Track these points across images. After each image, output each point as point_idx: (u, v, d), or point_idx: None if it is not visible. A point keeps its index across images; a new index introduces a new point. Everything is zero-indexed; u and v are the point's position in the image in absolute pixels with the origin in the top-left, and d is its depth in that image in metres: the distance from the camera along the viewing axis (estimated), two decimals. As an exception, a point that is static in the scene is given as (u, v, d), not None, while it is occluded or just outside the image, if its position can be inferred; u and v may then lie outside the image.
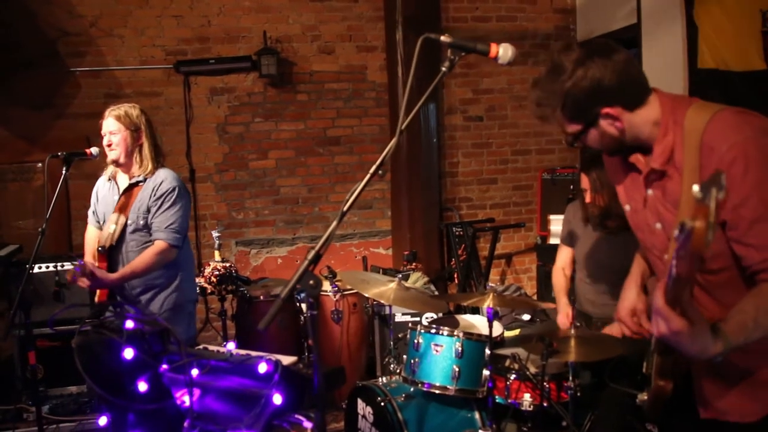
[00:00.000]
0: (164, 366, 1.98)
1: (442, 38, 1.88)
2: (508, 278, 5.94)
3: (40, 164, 5.19)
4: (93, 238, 3.42)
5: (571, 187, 5.41)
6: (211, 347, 2.15)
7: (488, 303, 2.89)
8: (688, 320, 1.43)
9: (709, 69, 3.80)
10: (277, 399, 1.89)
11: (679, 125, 1.68)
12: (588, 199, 3.36)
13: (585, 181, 3.35)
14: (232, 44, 5.33)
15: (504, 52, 1.89)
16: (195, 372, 1.97)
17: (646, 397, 1.97)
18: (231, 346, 2.07)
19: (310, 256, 1.78)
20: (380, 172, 1.83)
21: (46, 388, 4.32)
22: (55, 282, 4.46)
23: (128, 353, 1.81)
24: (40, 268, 4.40)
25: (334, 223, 1.80)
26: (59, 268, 4.49)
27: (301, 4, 5.43)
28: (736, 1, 3.73)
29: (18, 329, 4.21)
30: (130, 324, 1.91)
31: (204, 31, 5.29)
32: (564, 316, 3.50)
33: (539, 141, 5.95)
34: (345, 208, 1.80)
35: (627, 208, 1.95)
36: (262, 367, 1.92)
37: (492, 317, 2.88)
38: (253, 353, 2.06)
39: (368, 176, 1.82)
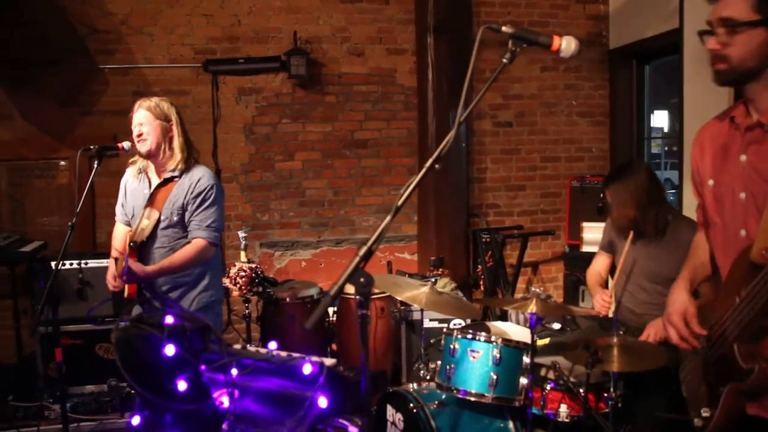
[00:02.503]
0: (203, 365, 1.90)
1: (504, 29, 1.81)
2: (534, 286, 5.83)
3: (63, 162, 5.17)
4: (121, 235, 3.38)
5: (601, 195, 5.31)
6: (251, 347, 2.07)
7: (531, 308, 2.80)
8: None
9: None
10: (323, 402, 1.81)
11: None
12: (615, 212, 3.36)
13: (607, 196, 3.39)
14: (262, 44, 5.28)
15: (567, 45, 1.80)
16: (234, 372, 1.90)
17: (708, 414, 1.86)
18: (273, 345, 2.00)
19: (362, 252, 1.70)
20: (437, 165, 1.75)
21: (66, 386, 4.28)
22: (78, 279, 4.44)
23: (169, 350, 1.74)
24: (63, 265, 4.35)
25: (388, 218, 1.72)
26: (83, 265, 4.46)
27: (332, 6, 5.38)
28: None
29: (46, 325, 4.17)
30: (170, 319, 1.84)
31: (233, 31, 5.26)
32: (600, 299, 3.42)
33: (568, 148, 5.85)
34: (400, 203, 1.73)
35: (710, 183, 1.92)
36: (307, 368, 1.84)
37: (535, 324, 2.79)
38: (295, 354, 1.99)
39: (424, 170, 1.75)
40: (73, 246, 4.68)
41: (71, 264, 4.42)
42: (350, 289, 1.65)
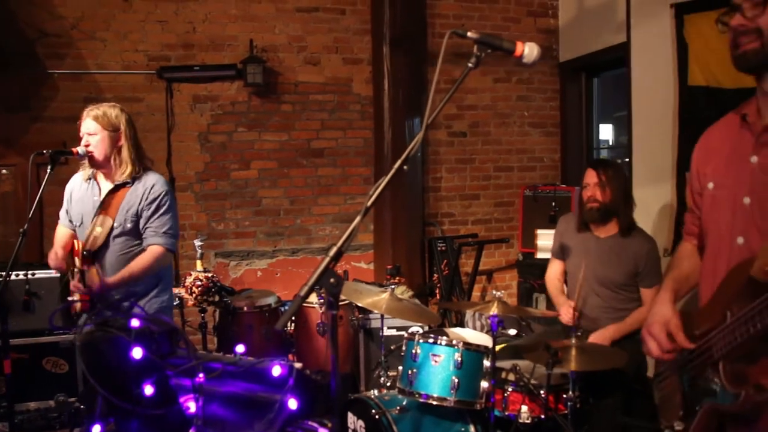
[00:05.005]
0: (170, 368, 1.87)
1: (469, 34, 1.85)
2: (488, 294, 5.91)
3: (5, 170, 5.01)
4: (62, 236, 3.31)
5: (553, 204, 5.44)
6: (216, 352, 2.05)
7: (493, 310, 2.84)
8: None
9: (700, 86, 3.86)
10: (293, 404, 1.80)
11: None
12: (589, 192, 3.43)
13: (591, 175, 3.44)
14: (217, 52, 5.24)
15: (530, 51, 1.86)
16: (201, 376, 1.87)
17: (681, 428, 1.78)
18: (240, 349, 1.98)
19: (332, 252, 1.73)
20: (405, 167, 1.78)
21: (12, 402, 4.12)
22: (25, 291, 4.29)
23: (137, 353, 1.71)
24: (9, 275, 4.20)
25: (358, 219, 1.75)
26: (30, 276, 4.31)
27: (288, 15, 5.38)
28: (728, 19, 3.79)
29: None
30: (135, 323, 1.80)
31: (189, 38, 5.20)
32: (567, 309, 3.49)
33: (521, 158, 5.98)
34: (369, 203, 1.77)
35: (710, 186, 1.82)
36: (276, 371, 1.84)
37: (496, 326, 2.83)
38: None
39: (393, 171, 1.79)
40: (20, 256, 4.54)
41: (17, 275, 4.26)
42: (309, 298, 1.65)
